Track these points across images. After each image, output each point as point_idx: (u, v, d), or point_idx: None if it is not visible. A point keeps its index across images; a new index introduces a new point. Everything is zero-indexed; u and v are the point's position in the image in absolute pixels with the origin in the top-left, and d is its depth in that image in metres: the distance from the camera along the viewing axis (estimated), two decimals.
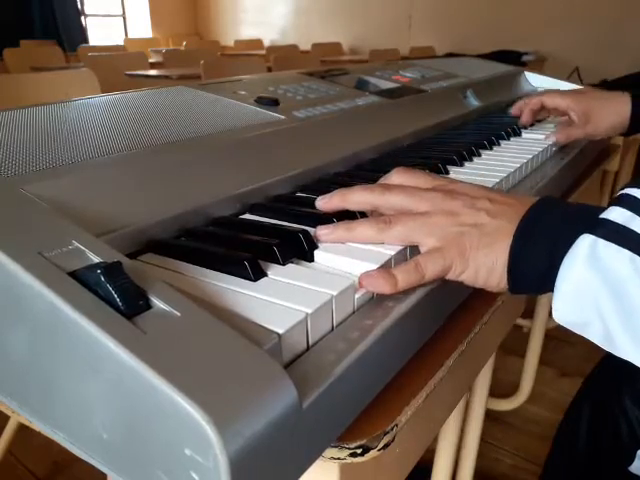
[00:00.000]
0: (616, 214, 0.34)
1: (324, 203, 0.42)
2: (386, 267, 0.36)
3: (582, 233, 0.34)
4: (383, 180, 0.45)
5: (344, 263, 0.36)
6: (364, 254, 0.37)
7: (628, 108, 0.74)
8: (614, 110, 0.75)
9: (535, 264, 0.36)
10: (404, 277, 0.36)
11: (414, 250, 0.39)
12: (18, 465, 1.23)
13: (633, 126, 0.75)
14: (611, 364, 0.77)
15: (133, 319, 0.25)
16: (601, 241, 0.33)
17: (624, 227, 0.33)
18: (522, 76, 1.25)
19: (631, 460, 0.67)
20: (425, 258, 0.37)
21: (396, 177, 0.44)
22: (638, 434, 0.67)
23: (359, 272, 0.35)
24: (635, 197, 0.34)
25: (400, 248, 0.38)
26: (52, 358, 0.26)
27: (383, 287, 0.35)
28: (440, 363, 0.37)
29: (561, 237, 0.35)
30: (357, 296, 0.34)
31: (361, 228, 0.39)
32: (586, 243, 0.33)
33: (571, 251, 0.34)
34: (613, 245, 0.33)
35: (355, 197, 0.42)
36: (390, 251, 0.37)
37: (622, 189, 0.36)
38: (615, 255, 0.32)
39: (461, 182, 0.43)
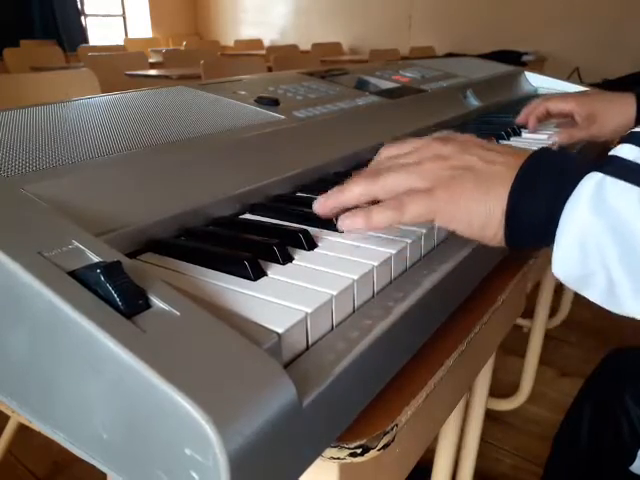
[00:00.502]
0: (626, 150, 0.32)
1: (320, 209, 0.40)
2: (386, 265, 0.36)
3: (588, 173, 0.31)
4: (373, 162, 0.43)
5: (344, 264, 0.36)
6: (364, 253, 0.37)
7: (633, 109, 0.72)
8: (619, 112, 0.73)
9: (535, 212, 0.33)
10: (380, 214, 0.35)
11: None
12: (18, 465, 1.23)
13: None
14: (613, 364, 0.77)
15: (133, 318, 0.25)
16: (609, 178, 0.30)
17: (635, 163, 0.31)
18: (522, 76, 1.24)
19: (632, 460, 0.67)
20: (408, 195, 0.36)
21: (385, 152, 0.43)
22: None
23: (358, 273, 0.34)
24: None
25: (399, 248, 0.38)
26: (52, 358, 0.26)
27: (357, 223, 0.35)
28: (440, 363, 0.37)
29: (565, 182, 0.32)
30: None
31: (351, 186, 0.38)
32: (592, 182, 0.31)
33: (575, 192, 0.31)
34: (621, 182, 0.30)
35: (347, 193, 0.39)
36: (391, 250, 0.37)
37: (632, 129, 0.34)
38: (623, 193, 0.30)
39: (454, 133, 0.42)
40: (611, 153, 0.32)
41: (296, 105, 0.66)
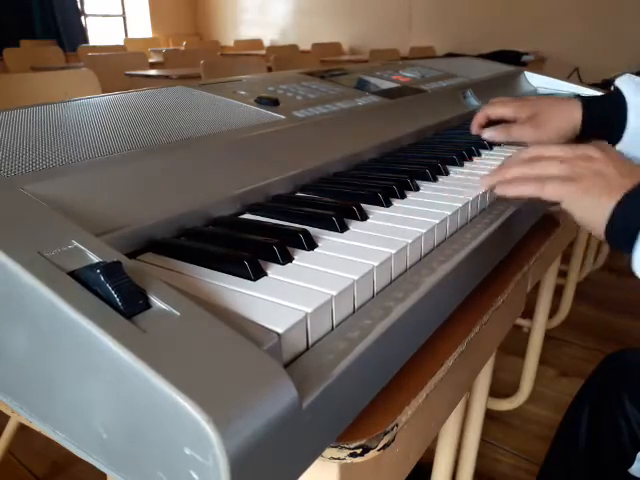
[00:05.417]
0: None
1: (486, 181, 0.52)
2: (386, 265, 0.36)
3: None
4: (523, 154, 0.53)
5: (344, 264, 0.36)
6: (364, 253, 0.37)
7: (579, 114, 0.73)
8: (562, 116, 0.74)
9: (629, 222, 0.43)
10: (522, 185, 0.47)
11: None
12: (18, 465, 1.23)
13: (586, 130, 0.73)
14: (612, 365, 0.77)
15: (133, 319, 0.25)
16: None
17: None
18: (522, 76, 1.24)
19: (631, 462, 0.67)
20: (554, 180, 0.46)
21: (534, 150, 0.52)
22: (638, 436, 0.67)
23: (358, 273, 0.34)
24: None
25: (399, 248, 0.38)
26: (52, 358, 0.26)
27: (526, 190, 0.46)
28: (440, 363, 0.37)
29: None
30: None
31: (511, 169, 0.50)
32: None
33: None
34: None
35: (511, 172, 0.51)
36: (391, 250, 0.37)
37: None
38: None
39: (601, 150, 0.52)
40: None
41: (296, 105, 0.66)
